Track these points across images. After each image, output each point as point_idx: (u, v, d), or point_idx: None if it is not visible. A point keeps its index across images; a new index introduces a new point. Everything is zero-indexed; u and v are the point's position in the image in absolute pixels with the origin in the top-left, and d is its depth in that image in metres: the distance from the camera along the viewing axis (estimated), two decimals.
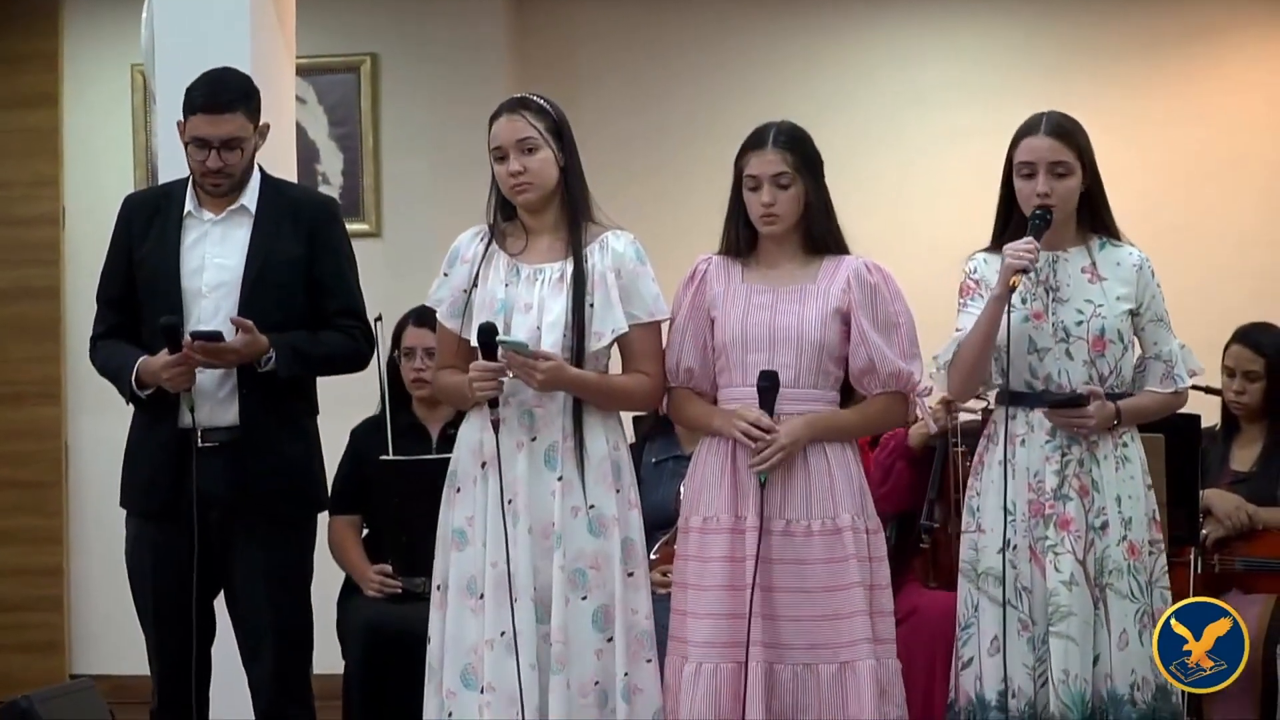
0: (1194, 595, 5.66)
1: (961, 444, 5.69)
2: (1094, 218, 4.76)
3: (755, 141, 4.69)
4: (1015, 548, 4.63)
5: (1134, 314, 4.71)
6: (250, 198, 5.01)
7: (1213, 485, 5.89)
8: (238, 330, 4.82)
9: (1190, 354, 4.81)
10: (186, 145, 4.95)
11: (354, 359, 5.11)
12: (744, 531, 4.58)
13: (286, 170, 5.96)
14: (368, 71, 8.03)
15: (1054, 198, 4.65)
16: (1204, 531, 5.77)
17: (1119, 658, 4.57)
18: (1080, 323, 4.66)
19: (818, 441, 4.61)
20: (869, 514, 4.68)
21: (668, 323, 4.78)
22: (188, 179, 5.05)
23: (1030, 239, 4.59)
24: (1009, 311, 4.58)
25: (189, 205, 5.00)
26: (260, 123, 5.02)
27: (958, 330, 4.75)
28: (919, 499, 5.78)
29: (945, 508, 5.72)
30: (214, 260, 4.96)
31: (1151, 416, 4.80)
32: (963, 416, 5.77)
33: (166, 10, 5.92)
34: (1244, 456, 5.98)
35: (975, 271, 4.77)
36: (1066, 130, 4.71)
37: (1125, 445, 4.69)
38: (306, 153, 7.64)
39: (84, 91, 8.25)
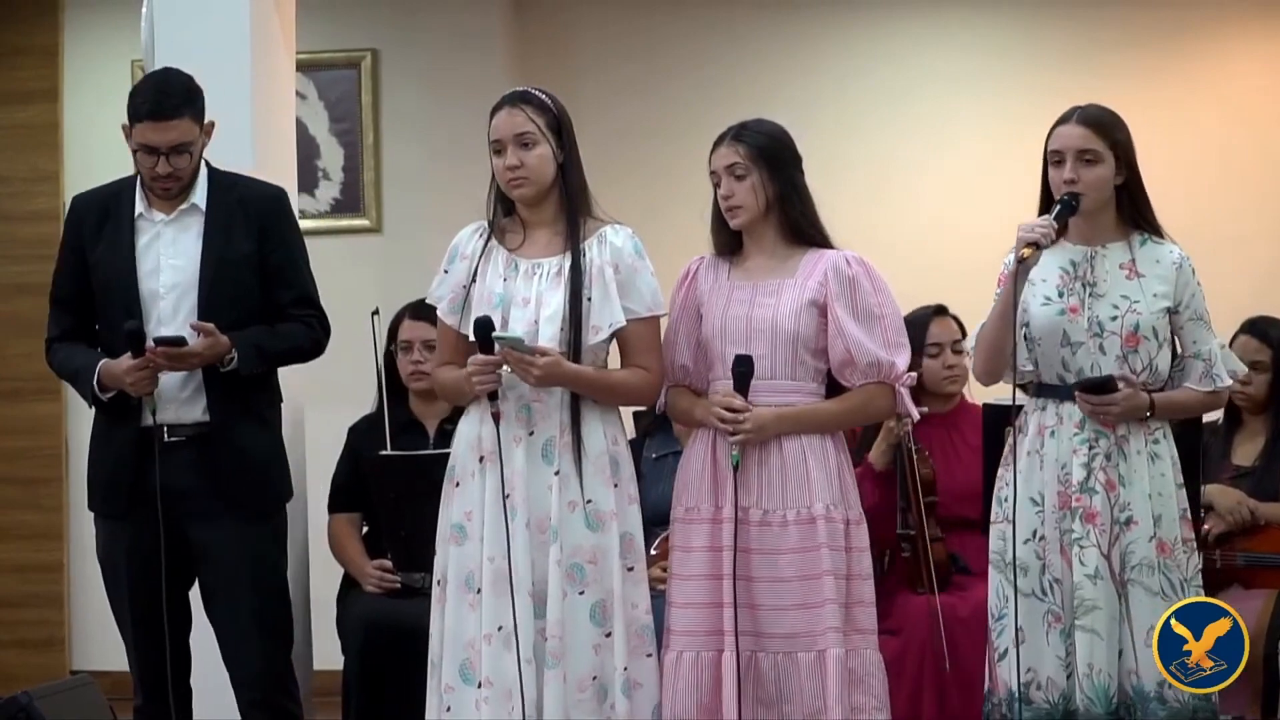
0: None
1: (915, 445, 5.69)
2: (1134, 212, 4.76)
3: (715, 142, 4.79)
4: (1043, 539, 4.64)
5: (1173, 312, 4.71)
6: (200, 195, 5.02)
7: (1214, 480, 5.88)
8: (199, 334, 4.82)
9: (1231, 355, 4.83)
10: (134, 152, 4.95)
11: (314, 349, 5.15)
12: (722, 521, 4.62)
13: (287, 166, 5.95)
14: (368, 67, 8.03)
15: (1081, 184, 4.66)
16: (1205, 527, 5.76)
17: (1145, 655, 4.56)
18: (1114, 318, 4.67)
19: (791, 434, 4.63)
20: (850, 504, 4.70)
21: (666, 319, 4.80)
22: (135, 177, 5.05)
23: (1048, 217, 4.60)
24: (1015, 285, 4.57)
25: (139, 207, 5.01)
26: (205, 121, 5.01)
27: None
28: (891, 517, 5.76)
29: (918, 514, 5.72)
30: (169, 261, 4.97)
31: (1188, 413, 4.84)
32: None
33: (166, 6, 5.90)
34: (1246, 451, 5.98)
35: (1011, 264, 4.77)
36: (1098, 120, 4.72)
37: (1156, 442, 4.70)
38: (307, 148, 7.63)
39: (84, 87, 8.25)
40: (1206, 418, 5.83)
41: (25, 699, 5.43)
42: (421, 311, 5.78)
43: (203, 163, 5.05)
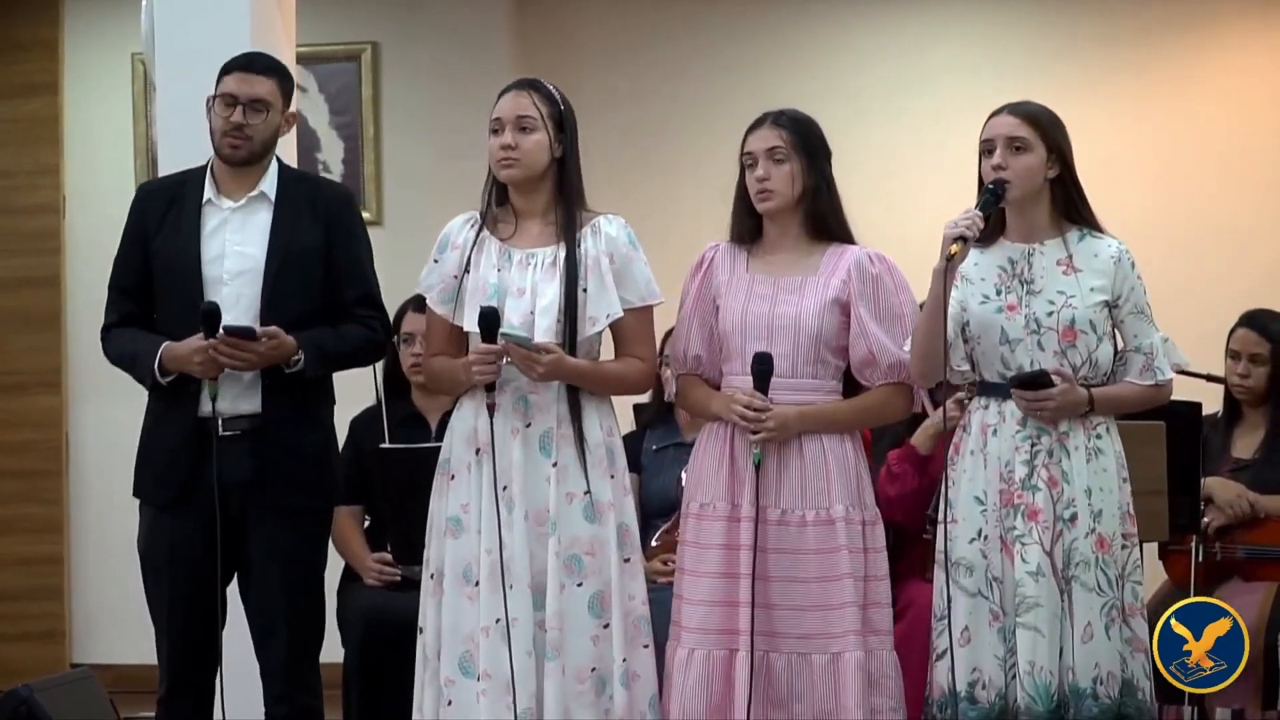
0: (1195, 583, 5.67)
1: None
2: (1068, 207, 4.71)
3: (755, 123, 4.75)
4: (986, 538, 4.61)
5: (1112, 306, 4.66)
6: (269, 185, 5.00)
7: (1214, 473, 5.88)
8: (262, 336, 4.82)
9: (1174, 348, 4.76)
10: (211, 110, 4.96)
11: (374, 352, 5.14)
12: (740, 519, 4.60)
13: (287, 159, 5.93)
14: (368, 60, 8.04)
15: (1009, 172, 4.62)
16: (1205, 519, 5.76)
17: (1081, 651, 4.51)
18: (1051, 313, 4.62)
19: (812, 432, 4.62)
20: (867, 505, 4.68)
21: (675, 310, 4.81)
22: (204, 167, 5.04)
23: (972, 209, 4.58)
24: (946, 285, 4.52)
25: (208, 193, 4.99)
26: (290, 109, 5.06)
27: None
28: (927, 503, 5.72)
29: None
30: (234, 248, 4.94)
31: (1129, 408, 4.75)
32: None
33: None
34: (1245, 444, 5.98)
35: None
36: (1029, 113, 4.68)
37: (1099, 437, 4.64)
38: (307, 141, 7.64)
39: (85, 80, 8.26)
40: (1206, 410, 5.85)
41: (26, 692, 5.44)
42: (425, 304, 5.79)
43: (276, 157, 5.06)
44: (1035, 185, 4.66)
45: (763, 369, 4.59)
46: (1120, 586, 4.57)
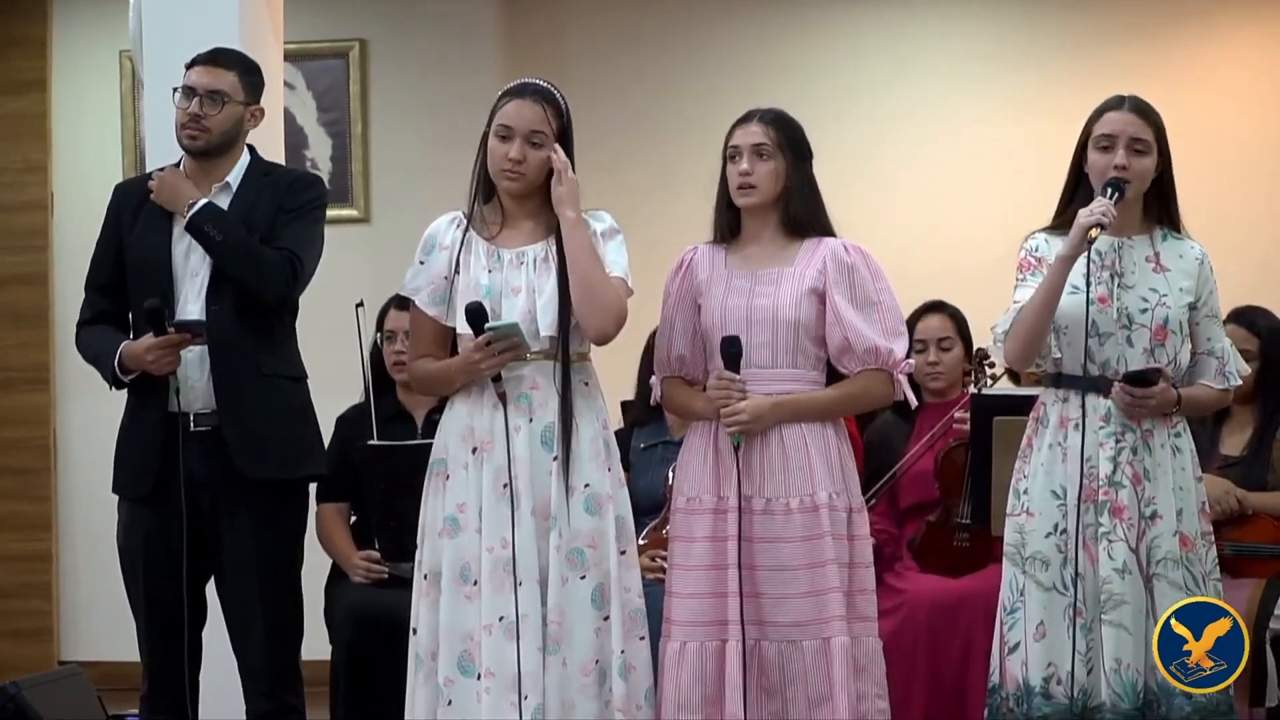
0: None
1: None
2: (1161, 208, 4.77)
3: (742, 119, 4.78)
4: (1064, 533, 4.62)
5: (1192, 308, 4.71)
6: (235, 175, 5.05)
7: (1202, 470, 5.87)
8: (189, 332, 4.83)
9: (1238, 354, 4.83)
10: (177, 105, 4.99)
11: (273, 272, 4.93)
12: (726, 512, 4.63)
13: (275, 156, 5.95)
14: (356, 57, 8.03)
15: (1130, 173, 4.65)
16: None
17: None
18: (1144, 310, 4.66)
19: (789, 422, 4.65)
20: (851, 492, 4.72)
21: (657, 314, 4.82)
22: (177, 164, 5.07)
23: (1105, 201, 4.58)
24: (1089, 269, 4.56)
25: None
26: (257, 104, 5.07)
27: (1015, 303, 4.74)
28: None
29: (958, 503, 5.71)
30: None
31: (1204, 410, 4.86)
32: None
33: None
34: (1233, 441, 5.97)
35: (1036, 250, 4.76)
36: (1147, 111, 4.74)
37: (1178, 435, 4.69)
38: (295, 139, 7.64)
39: (73, 77, 8.25)
40: None
41: (14, 689, 5.44)
42: (406, 302, 5.78)
43: (247, 149, 5.10)
44: (1146, 186, 4.71)
45: (733, 351, 4.63)
46: (1205, 584, 4.63)
